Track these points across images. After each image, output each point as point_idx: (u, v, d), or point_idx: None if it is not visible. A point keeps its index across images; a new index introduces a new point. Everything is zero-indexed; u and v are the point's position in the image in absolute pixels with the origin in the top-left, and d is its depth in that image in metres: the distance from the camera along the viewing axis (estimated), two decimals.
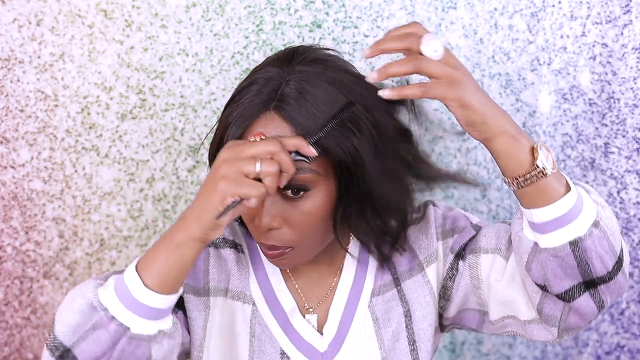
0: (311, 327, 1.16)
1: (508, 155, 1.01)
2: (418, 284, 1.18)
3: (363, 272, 1.19)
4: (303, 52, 1.08)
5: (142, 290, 0.97)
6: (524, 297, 1.12)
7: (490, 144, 1.01)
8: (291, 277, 1.18)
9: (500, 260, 1.14)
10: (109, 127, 1.57)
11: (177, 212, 1.62)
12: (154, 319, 0.99)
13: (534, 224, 1.04)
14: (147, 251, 1.00)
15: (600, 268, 1.03)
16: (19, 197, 1.57)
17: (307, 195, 1.04)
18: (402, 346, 1.16)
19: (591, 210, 1.03)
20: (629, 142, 1.60)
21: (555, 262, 1.03)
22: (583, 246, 1.02)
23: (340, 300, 1.17)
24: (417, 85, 0.98)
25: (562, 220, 1.01)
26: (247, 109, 1.03)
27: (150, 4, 1.54)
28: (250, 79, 1.07)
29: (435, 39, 0.98)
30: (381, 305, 1.17)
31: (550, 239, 1.03)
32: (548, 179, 1.00)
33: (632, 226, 1.64)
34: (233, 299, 1.17)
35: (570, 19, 1.59)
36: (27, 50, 1.53)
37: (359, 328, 1.16)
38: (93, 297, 0.98)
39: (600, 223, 1.03)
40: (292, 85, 1.03)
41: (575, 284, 1.05)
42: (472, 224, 1.20)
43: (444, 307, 1.20)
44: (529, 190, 1.01)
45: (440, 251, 1.19)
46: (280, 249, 1.08)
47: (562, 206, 1.01)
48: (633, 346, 1.69)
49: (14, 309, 1.61)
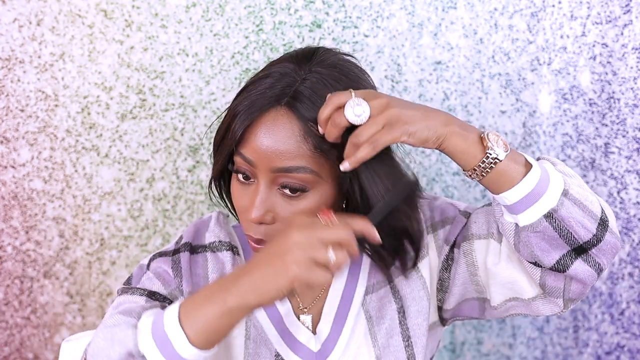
0: (305, 328, 1.16)
1: (461, 151, 1.02)
2: (412, 280, 1.18)
3: (356, 270, 1.19)
4: (323, 54, 1.08)
5: (185, 345, 0.94)
6: (525, 274, 1.13)
7: (444, 148, 1.02)
8: None
9: (494, 244, 1.14)
10: (109, 127, 1.57)
11: (177, 212, 1.62)
12: None
13: (508, 206, 1.05)
14: (190, 302, 0.96)
15: (584, 233, 1.05)
16: (19, 196, 1.57)
17: (304, 195, 1.04)
18: (397, 342, 1.16)
19: (558, 181, 1.04)
20: (629, 142, 1.60)
21: (536, 237, 1.05)
22: (559, 216, 1.03)
23: (333, 300, 1.17)
24: (365, 145, 0.99)
25: (531, 197, 1.03)
26: (258, 100, 1.03)
27: (150, 4, 1.54)
28: (265, 72, 1.07)
29: (354, 105, 0.99)
30: (375, 302, 1.17)
31: (526, 216, 1.04)
32: (504, 162, 1.02)
33: (632, 226, 1.64)
34: None
35: (570, 19, 1.59)
36: (27, 50, 1.53)
37: (353, 327, 1.16)
38: (133, 347, 0.95)
39: (570, 191, 1.04)
40: (307, 85, 1.03)
41: (564, 253, 1.06)
42: (461, 211, 1.20)
43: (443, 300, 1.20)
44: (491, 178, 1.03)
45: (432, 244, 1.19)
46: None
47: (528, 184, 1.03)
48: (633, 346, 1.69)
49: (14, 309, 1.61)
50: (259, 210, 1.04)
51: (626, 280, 1.67)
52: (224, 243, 1.18)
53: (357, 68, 1.10)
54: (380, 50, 1.59)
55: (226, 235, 1.19)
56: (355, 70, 1.10)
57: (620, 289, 1.67)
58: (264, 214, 1.04)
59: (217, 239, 1.18)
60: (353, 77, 1.07)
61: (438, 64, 1.61)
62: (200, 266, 1.16)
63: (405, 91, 1.61)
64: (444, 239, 1.18)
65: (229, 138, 1.06)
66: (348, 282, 1.18)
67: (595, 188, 1.63)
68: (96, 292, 1.63)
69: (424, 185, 1.66)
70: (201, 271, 1.16)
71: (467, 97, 1.62)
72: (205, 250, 1.17)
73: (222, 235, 1.19)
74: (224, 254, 1.17)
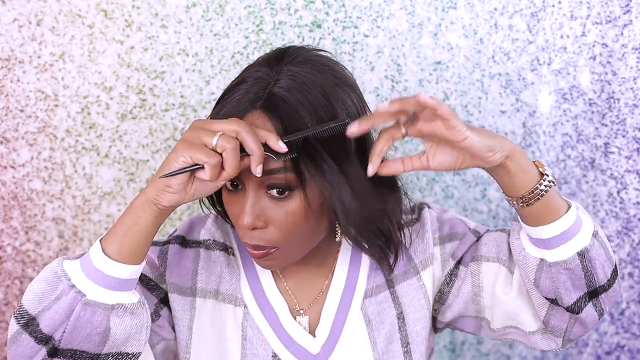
0: (302, 329, 1.16)
1: (523, 169, 1.01)
2: (412, 287, 1.18)
3: (355, 273, 1.18)
4: (293, 53, 1.08)
5: (101, 258, 0.99)
6: (531, 310, 1.14)
7: (511, 161, 1.00)
8: (282, 279, 1.18)
9: (504, 271, 1.15)
10: (109, 127, 1.57)
11: (177, 212, 1.62)
12: (112, 289, 0.99)
13: (539, 240, 1.05)
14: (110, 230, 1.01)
15: (602, 277, 1.06)
16: (19, 197, 1.57)
17: (292, 195, 1.03)
18: (396, 348, 1.16)
19: (588, 222, 1.06)
20: (629, 142, 1.60)
21: (566, 275, 1.05)
22: (589, 256, 1.04)
23: (332, 302, 1.17)
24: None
25: (569, 233, 1.04)
26: (235, 107, 1.03)
27: (150, 4, 1.54)
28: (240, 78, 1.07)
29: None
30: (374, 307, 1.17)
31: (559, 252, 1.05)
32: (552, 191, 1.02)
33: (632, 226, 1.64)
34: (224, 302, 1.16)
35: (570, 19, 1.59)
36: (27, 50, 1.53)
37: (352, 330, 1.16)
38: (57, 267, 1.00)
39: (599, 233, 1.06)
40: (281, 84, 1.03)
41: (581, 295, 1.07)
42: (471, 229, 1.20)
43: (438, 311, 1.20)
44: (537, 207, 1.03)
45: (438, 256, 1.19)
46: (265, 249, 1.06)
47: (568, 220, 1.03)
48: (633, 346, 1.69)
49: (14, 309, 1.61)
50: (249, 216, 1.03)
51: (626, 280, 1.67)
52: (217, 243, 1.18)
53: (331, 62, 1.09)
54: (380, 50, 1.59)
55: (222, 236, 1.19)
56: (330, 63, 1.08)
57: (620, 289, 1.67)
58: (255, 219, 1.03)
59: (211, 237, 1.18)
60: (327, 71, 1.06)
61: (438, 64, 1.61)
62: (191, 260, 1.17)
63: (405, 91, 1.61)
64: (450, 254, 1.18)
65: None
66: (347, 285, 1.17)
67: (595, 188, 1.64)
68: None
69: (423, 185, 1.66)
70: (190, 265, 1.16)
71: (467, 97, 1.62)
72: (199, 246, 1.18)
73: (218, 235, 1.19)
74: (217, 253, 1.17)
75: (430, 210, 1.22)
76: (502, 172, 1.02)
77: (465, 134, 0.96)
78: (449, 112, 0.95)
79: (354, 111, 1.06)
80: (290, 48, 1.09)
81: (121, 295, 1.00)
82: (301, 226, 1.04)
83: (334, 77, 1.06)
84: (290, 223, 1.04)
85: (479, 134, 0.98)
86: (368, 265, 1.18)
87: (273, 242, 1.05)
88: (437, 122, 0.97)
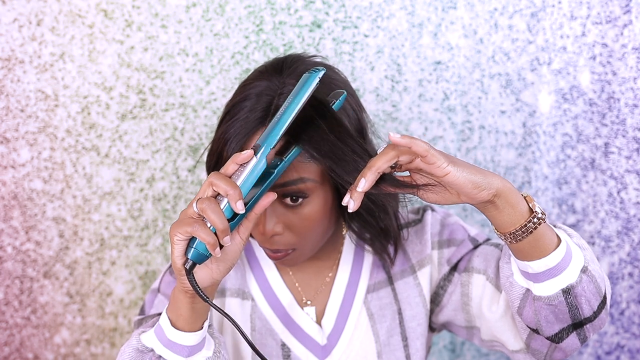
0: (310, 319, 1.20)
1: (512, 205, 0.99)
2: (409, 286, 1.21)
3: (358, 269, 1.22)
4: (292, 64, 1.09)
5: (171, 330, 1.01)
6: (513, 331, 1.14)
7: (499, 199, 0.98)
8: (288, 271, 1.22)
9: (490, 287, 1.15)
10: (109, 127, 1.57)
11: (177, 212, 1.62)
12: (186, 356, 1.02)
13: (527, 273, 1.04)
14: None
15: (588, 310, 1.04)
16: (19, 196, 1.57)
17: (305, 202, 1.07)
18: (396, 342, 1.20)
19: (579, 256, 1.03)
20: (629, 142, 1.60)
21: (548, 310, 1.04)
22: (574, 293, 1.02)
23: (337, 295, 1.21)
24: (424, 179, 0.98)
25: (555, 270, 1.02)
26: (243, 126, 1.05)
27: (150, 4, 1.54)
28: (242, 94, 1.08)
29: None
30: (376, 301, 1.21)
31: (544, 287, 1.03)
32: (542, 227, 1.00)
33: (632, 226, 1.64)
34: (232, 297, 1.20)
35: (570, 19, 1.59)
36: (27, 50, 1.53)
37: (355, 322, 1.20)
38: (137, 343, 1.02)
39: (588, 268, 1.03)
40: (285, 98, 1.04)
41: (564, 327, 1.06)
42: (470, 237, 1.21)
43: (433, 311, 1.23)
44: (527, 241, 1.00)
45: (435, 259, 1.21)
46: (283, 251, 1.12)
47: (556, 257, 1.01)
48: (633, 346, 1.69)
49: (14, 309, 1.61)
50: (270, 224, 1.08)
51: (626, 280, 1.67)
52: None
53: (329, 69, 1.11)
54: (380, 50, 1.59)
55: None
56: (328, 72, 1.09)
57: (620, 289, 1.67)
58: (274, 226, 1.08)
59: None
60: (326, 80, 1.06)
61: (438, 64, 1.61)
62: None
63: (405, 91, 1.61)
64: (446, 259, 1.21)
65: (223, 165, 1.06)
66: (350, 280, 1.22)
67: (595, 188, 1.64)
68: (96, 292, 1.63)
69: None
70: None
71: (467, 97, 1.62)
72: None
73: None
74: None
75: (433, 213, 1.24)
76: (490, 208, 0.99)
77: (446, 169, 0.94)
78: (424, 149, 0.93)
79: (353, 115, 1.09)
80: (288, 59, 1.11)
81: (199, 357, 1.03)
82: (315, 228, 1.10)
83: (332, 84, 1.09)
84: (306, 227, 1.09)
85: (464, 169, 0.95)
86: (370, 262, 1.23)
87: (291, 245, 1.11)
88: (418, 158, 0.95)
